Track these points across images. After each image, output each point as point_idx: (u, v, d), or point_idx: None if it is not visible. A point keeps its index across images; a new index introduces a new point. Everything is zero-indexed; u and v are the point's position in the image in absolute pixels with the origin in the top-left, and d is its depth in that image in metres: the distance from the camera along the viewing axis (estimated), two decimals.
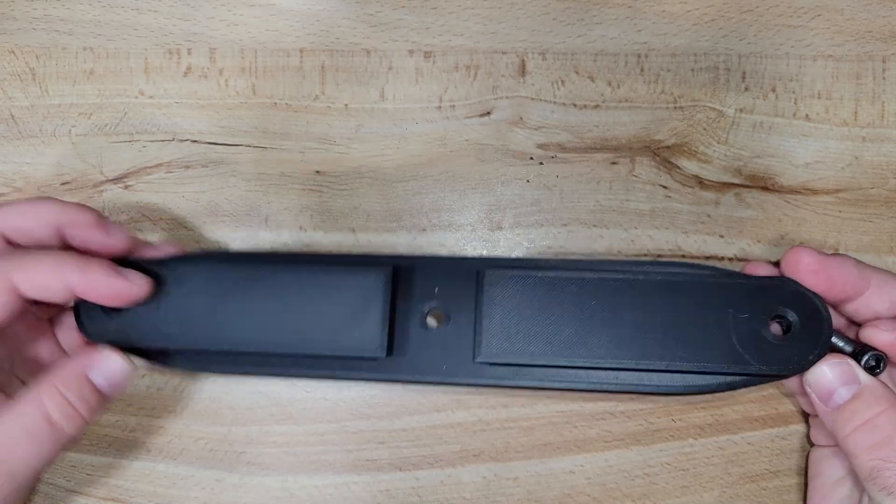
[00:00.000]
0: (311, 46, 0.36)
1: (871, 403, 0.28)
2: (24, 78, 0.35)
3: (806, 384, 0.30)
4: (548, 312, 0.30)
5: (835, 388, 0.29)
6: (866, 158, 0.37)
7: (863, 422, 0.28)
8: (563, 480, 0.36)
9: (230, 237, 0.35)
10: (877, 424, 0.27)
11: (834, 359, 0.29)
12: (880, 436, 0.27)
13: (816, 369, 0.29)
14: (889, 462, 0.27)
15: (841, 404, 0.28)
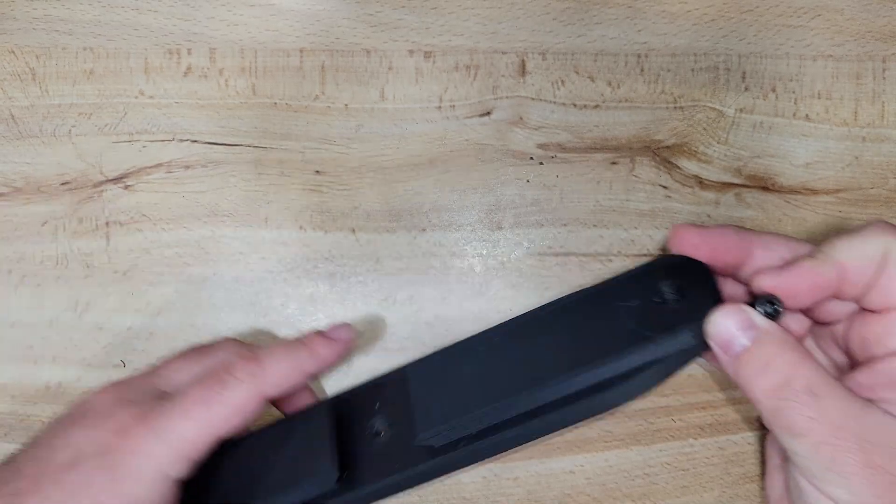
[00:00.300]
0: (311, 46, 0.36)
1: (768, 346, 0.28)
2: (23, 78, 0.35)
3: (707, 337, 0.29)
4: (468, 370, 0.30)
5: (733, 336, 0.28)
6: (866, 158, 0.37)
7: (762, 365, 0.27)
8: (563, 480, 0.36)
9: (230, 237, 0.35)
10: (775, 367, 0.27)
11: (729, 307, 0.29)
12: (779, 377, 0.27)
13: (714, 319, 0.29)
14: (787, 401, 0.27)
15: (740, 352, 0.28)
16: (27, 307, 0.35)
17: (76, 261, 0.35)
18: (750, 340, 0.28)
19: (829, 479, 0.26)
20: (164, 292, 0.35)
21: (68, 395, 0.35)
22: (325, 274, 0.36)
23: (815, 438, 0.26)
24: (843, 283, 0.29)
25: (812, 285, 0.29)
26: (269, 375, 0.30)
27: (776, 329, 0.28)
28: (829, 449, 0.26)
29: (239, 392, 0.30)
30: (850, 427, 0.26)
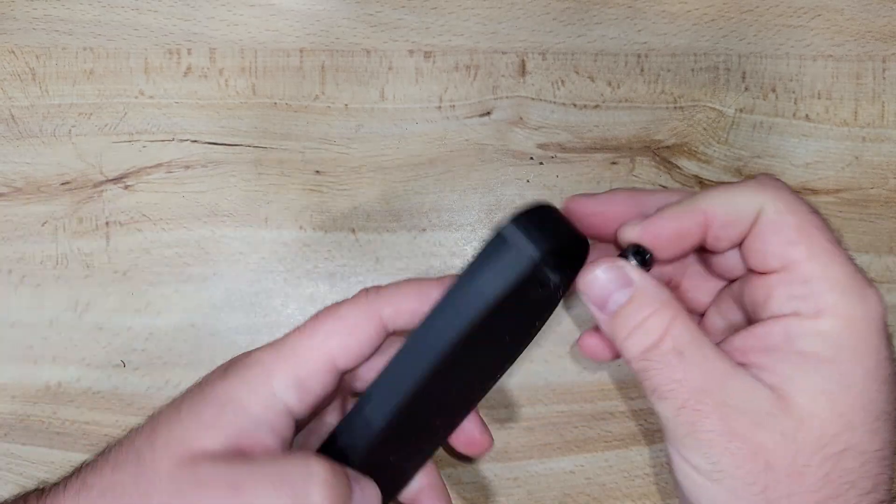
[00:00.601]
0: (311, 46, 0.36)
1: (643, 305, 0.26)
2: (23, 78, 0.35)
3: (580, 293, 0.27)
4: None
5: (609, 293, 0.27)
6: (866, 158, 0.37)
7: (635, 325, 0.26)
8: (563, 480, 0.36)
9: (230, 237, 0.35)
10: (648, 327, 0.26)
11: (605, 262, 0.27)
12: (651, 338, 0.26)
13: (588, 275, 0.27)
14: (654, 361, 0.26)
15: (616, 310, 0.27)
16: (27, 307, 0.35)
17: (76, 261, 0.35)
18: (626, 298, 0.26)
19: (690, 445, 0.25)
20: (164, 292, 0.35)
21: (68, 395, 0.35)
22: (325, 274, 0.36)
23: (677, 401, 0.25)
24: (710, 235, 0.27)
25: (675, 233, 0.27)
26: (388, 296, 0.27)
27: (652, 285, 0.26)
28: (690, 413, 0.25)
29: (353, 310, 0.27)
30: (713, 391, 0.25)
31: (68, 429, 0.35)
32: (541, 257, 0.26)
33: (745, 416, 0.25)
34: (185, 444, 0.25)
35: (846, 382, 0.24)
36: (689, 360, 0.25)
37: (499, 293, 0.26)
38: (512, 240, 0.27)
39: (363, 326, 0.27)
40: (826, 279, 0.25)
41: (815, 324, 0.25)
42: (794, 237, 0.26)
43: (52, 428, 0.35)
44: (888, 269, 0.37)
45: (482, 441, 0.31)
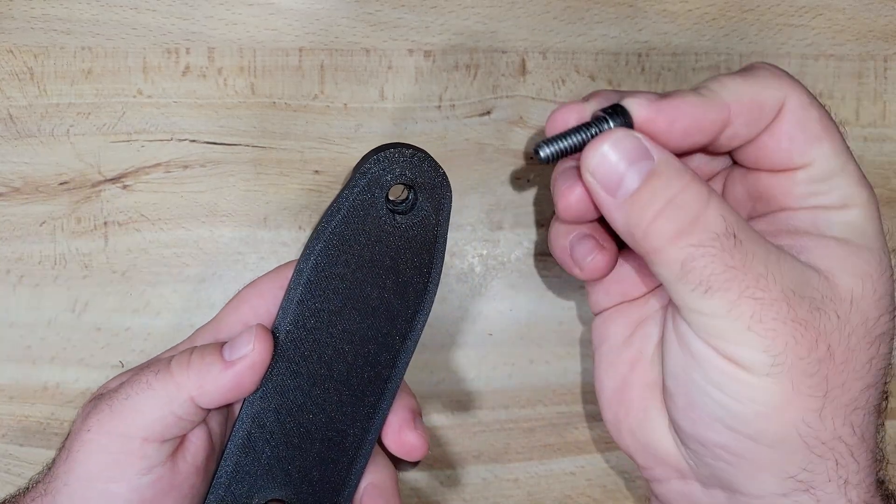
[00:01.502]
0: (311, 45, 0.36)
1: (671, 178, 0.22)
2: (21, 77, 0.35)
3: (586, 173, 0.24)
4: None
5: (623, 172, 0.22)
6: (868, 158, 0.37)
7: (665, 203, 0.22)
8: (563, 482, 0.36)
9: (229, 237, 0.35)
10: (681, 203, 0.22)
11: (615, 133, 0.23)
12: (687, 216, 0.22)
13: (594, 151, 0.23)
14: (702, 247, 0.22)
15: (634, 191, 0.22)
16: (25, 307, 0.35)
17: (74, 261, 0.35)
18: (646, 172, 0.22)
19: (743, 341, 0.22)
20: (163, 292, 0.35)
21: (67, 395, 0.35)
22: None
23: (733, 292, 0.22)
24: (728, 131, 0.24)
25: (692, 125, 0.23)
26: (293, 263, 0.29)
27: (674, 158, 0.23)
28: (749, 304, 0.22)
29: (265, 278, 0.30)
30: (776, 277, 0.22)
31: (67, 430, 0.35)
32: (376, 170, 0.27)
33: (805, 300, 0.22)
34: (101, 388, 0.30)
35: (881, 267, 0.24)
36: (746, 243, 0.22)
37: (338, 217, 0.27)
38: (356, 167, 0.29)
39: (270, 289, 0.29)
40: (848, 174, 0.25)
41: (842, 214, 0.25)
42: (819, 133, 0.24)
43: (51, 429, 0.35)
44: None
45: (411, 442, 0.30)
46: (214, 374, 0.27)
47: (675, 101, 0.23)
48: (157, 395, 0.27)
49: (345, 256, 0.28)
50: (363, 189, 0.28)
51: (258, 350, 0.27)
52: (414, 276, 0.29)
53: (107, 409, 0.27)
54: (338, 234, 0.28)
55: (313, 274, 0.28)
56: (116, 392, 0.27)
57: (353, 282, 0.28)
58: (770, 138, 0.24)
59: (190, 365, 0.27)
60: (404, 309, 0.29)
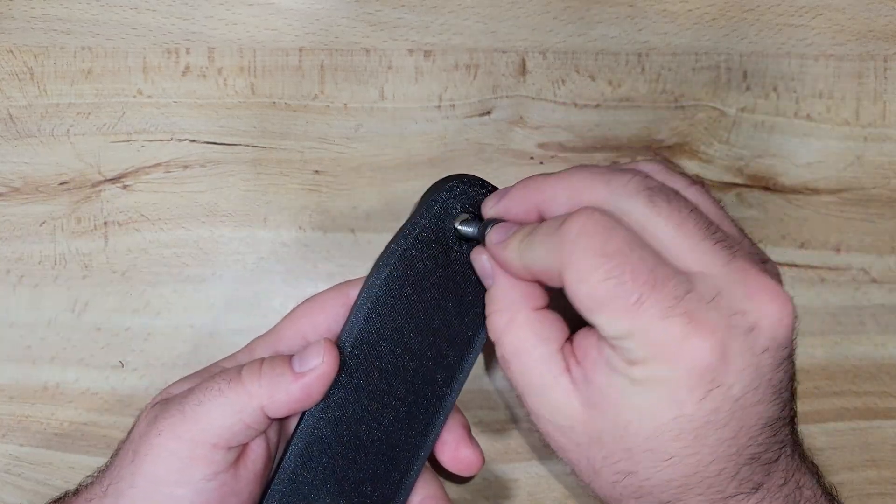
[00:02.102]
0: (311, 45, 0.36)
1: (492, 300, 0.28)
2: (22, 77, 0.35)
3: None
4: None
5: (486, 273, 0.29)
6: (868, 158, 0.37)
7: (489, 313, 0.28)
8: (563, 482, 0.36)
9: (229, 237, 0.35)
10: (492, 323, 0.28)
11: (480, 251, 0.29)
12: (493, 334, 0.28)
13: (474, 253, 0.30)
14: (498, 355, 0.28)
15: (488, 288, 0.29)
16: (25, 307, 0.35)
17: (74, 261, 0.35)
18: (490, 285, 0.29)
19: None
20: (163, 293, 0.35)
21: (67, 395, 0.35)
22: (324, 274, 0.36)
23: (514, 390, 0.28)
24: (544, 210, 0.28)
25: (523, 211, 0.29)
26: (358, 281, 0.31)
27: (504, 284, 0.29)
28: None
29: (325, 293, 0.31)
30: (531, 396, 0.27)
31: (66, 430, 0.35)
32: (446, 198, 0.30)
33: (553, 426, 0.27)
34: (164, 394, 0.30)
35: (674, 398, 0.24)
36: (513, 366, 0.27)
37: (408, 241, 0.29)
38: (427, 194, 0.31)
39: (332, 306, 0.31)
40: (630, 337, 0.24)
41: (628, 368, 0.25)
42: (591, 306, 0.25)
43: (51, 429, 0.35)
44: (890, 269, 0.37)
45: (468, 458, 0.31)
46: (285, 384, 0.28)
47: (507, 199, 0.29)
48: (230, 403, 0.27)
49: (412, 279, 0.30)
50: (434, 216, 0.30)
51: (327, 363, 0.28)
52: (475, 300, 0.30)
53: (178, 414, 0.28)
54: (407, 258, 0.29)
55: (382, 293, 0.29)
56: (186, 398, 0.28)
57: (418, 303, 0.30)
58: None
59: (262, 375, 0.28)
60: (463, 331, 0.30)
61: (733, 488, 0.25)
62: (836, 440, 0.37)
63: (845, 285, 0.37)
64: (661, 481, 0.25)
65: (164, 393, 0.30)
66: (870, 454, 0.37)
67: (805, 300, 0.37)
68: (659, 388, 0.24)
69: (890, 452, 0.37)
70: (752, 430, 0.25)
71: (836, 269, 0.37)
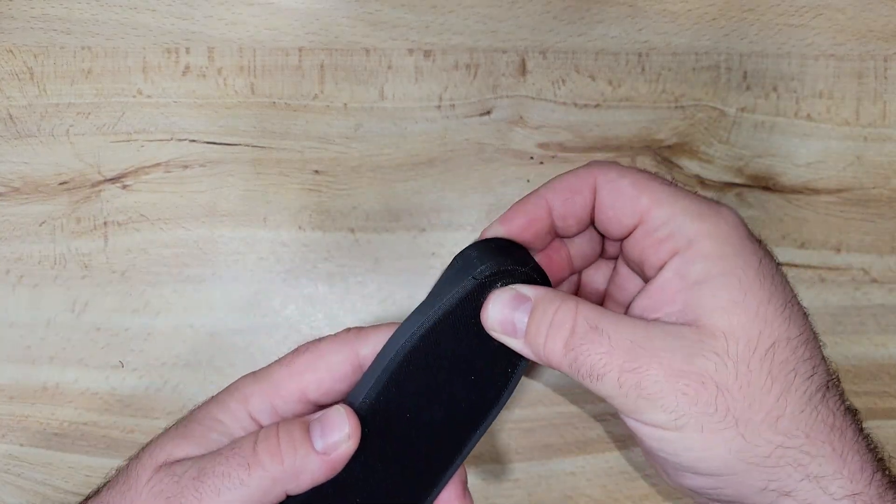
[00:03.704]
0: (310, 45, 0.36)
1: (546, 307, 0.27)
2: (21, 77, 0.35)
3: (490, 331, 0.28)
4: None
5: (511, 317, 0.27)
6: (868, 158, 0.37)
7: (547, 326, 0.26)
8: (564, 482, 0.36)
9: (228, 237, 0.35)
10: (558, 321, 0.26)
11: (494, 294, 0.28)
12: (566, 329, 0.26)
13: (485, 313, 0.28)
14: (577, 349, 0.26)
15: (525, 327, 0.27)
16: (25, 307, 0.35)
17: (74, 261, 0.35)
18: (527, 314, 0.27)
19: (645, 408, 0.25)
20: (163, 293, 0.35)
21: (66, 395, 0.35)
22: (324, 274, 0.36)
23: (614, 373, 0.25)
24: (555, 216, 0.29)
25: (527, 223, 0.29)
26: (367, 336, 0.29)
27: (546, 290, 0.27)
28: (630, 376, 0.25)
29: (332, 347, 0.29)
30: (641, 346, 0.25)
31: (66, 430, 0.35)
32: (488, 273, 0.27)
33: (677, 354, 0.25)
34: (164, 454, 0.27)
35: (745, 287, 0.26)
36: (608, 331, 0.26)
37: (446, 305, 0.28)
38: (464, 259, 0.29)
39: (339, 364, 0.28)
40: (680, 212, 0.26)
41: (693, 252, 0.26)
42: (633, 192, 0.27)
43: (50, 429, 0.35)
44: (890, 269, 0.37)
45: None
46: (310, 465, 0.26)
47: (508, 213, 0.29)
48: (252, 492, 0.26)
49: (437, 352, 0.28)
50: (470, 294, 0.28)
51: (354, 440, 0.27)
52: (499, 374, 0.29)
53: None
54: (436, 331, 0.28)
55: (402, 365, 0.28)
56: (201, 482, 0.26)
57: (439, 375, 0.28)
58: (600, 213, 0.28)
59: (283, 456, 0.26)
60: (480, 402, 0.29)
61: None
62: None
63: (845, 285, 0.37)
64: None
65: (163, 451, 0.27)
66: None
67: (805, 300, 0.36)
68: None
69: (890, 452, 0.37)
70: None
71: (836, 269, 0.37)
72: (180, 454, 0.27)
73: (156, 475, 0.27)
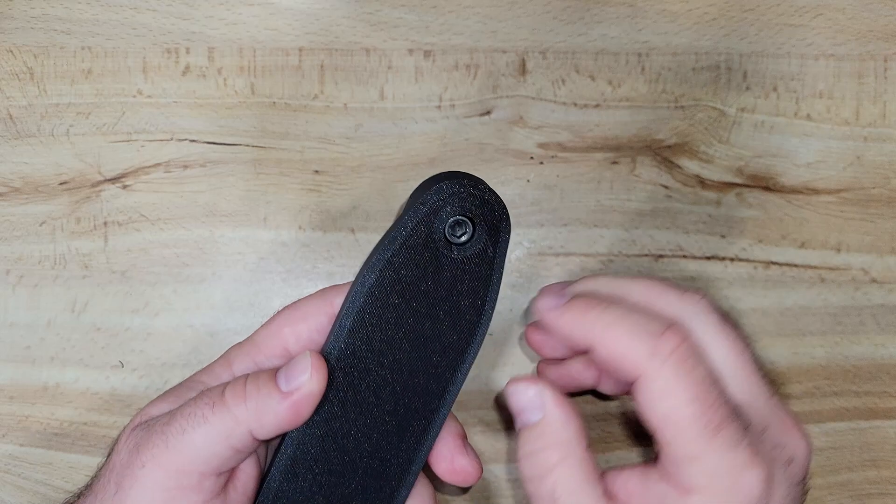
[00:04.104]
0: (310, 45, 0.36)
1: (541, 437, 0.27)
2: (21, 77, 0.35)
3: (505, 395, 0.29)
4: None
5: (524, 409, 0.28)
6: (868, 158, 0.37)
7: (531, 451, 0.27)
8: None
9: (228, 237, 0.35)
10: (537, 461, 0.27)
11: (530, 382, 0.28)
12: (536, 471, 0.27)
13: (513, 384, 0.28)
14: (534, 497, 0.27)
15: (523, 428, 0.28)
16: (25, 307, 0.35)
17: (74, 261, 0.35)
18: (535, 420, 0.27)
19: None
20: (163, 293, 0.35)
21: (66, 395, 0.35)
22: (324, 274, 0.36)
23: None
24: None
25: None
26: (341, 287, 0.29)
27: (559, 419, 0.27)
28: None
29: (307, 301, 0.29)
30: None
31: (66, 430, 0.35)
32: (437, 197, 0.27)
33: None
34: (143, 415, 0.28)
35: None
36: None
37: (395, 246, 0.27)
38: (415, 193, 0.29)
39: (315, 315, 0.29)
40: (697, 461, 0.25)
41: (684, 498, 0.25)
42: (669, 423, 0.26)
43: (50, 429, 0.35)
44: (890, 269, 0.37)
45: (464, 468, 0.30)
46: (273, 405, 0.26)
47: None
48: (216, 430, 0.26)
49: (399, 286, 0.28)
50: (422, 220, 0.27)
51: (316, 379, 0.27)
52: (468, 308, 0.28)
53: (161, 444, 0.26)
54: (394, 264, 0.27)
55: (367, 302, 0.27)
56: (168, 424, 0.27)
57: (407, 312, 0.28)
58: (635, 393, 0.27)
59: (247, 397, 0.26)
60: (456, 340, 0.28)
61: None
62: (836, 440, 0.37)
63: (845, 285, 0.37)
64: None
65: (142, 413, 0.29)
66: (870, 454, 0.37)
67: (805, 300, 0.37)
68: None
69: (890, 452, 0.37)
70: None
71: (836, 269, 0.37)
72: (156, 412, 0.28)
73: (132, 432, 0.28)
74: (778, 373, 0.37)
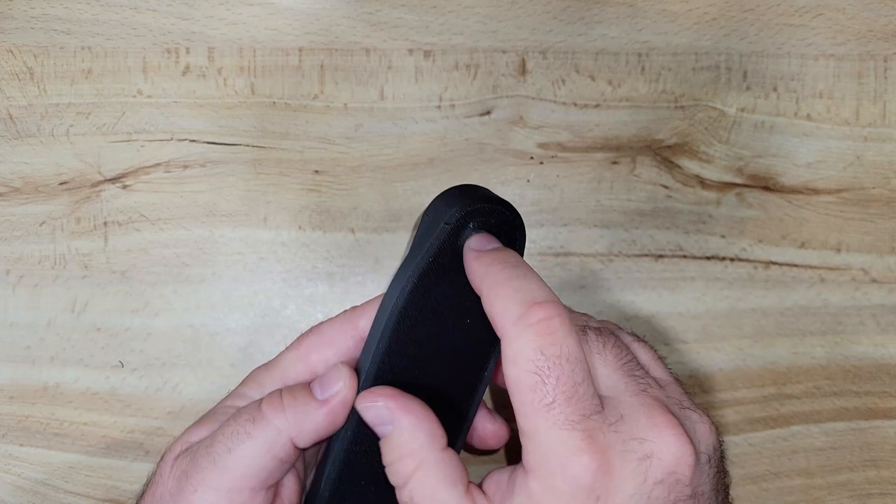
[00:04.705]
0: (310, 45, 0.36)
1: (393, 447, 0.27)
2: (21, 77, 0.35)
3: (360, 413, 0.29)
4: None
5: (378, 421, 0.28)
6: (868, 158, 0.37)
7: (389, 462, 0.27)
8: None
9: (228, 237, 0.35)
10: (395, 470, 0.27)
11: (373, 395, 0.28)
12: (396, 480, 0.27)
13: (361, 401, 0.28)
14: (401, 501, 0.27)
15: (383, 439, 0.28)
16: (25, 307, 0.35)
17: (74, 261, 0.35)
18: (388, 431, 0.27)
19: None
20: (163, 293, 0.35)
21: (66, 395, 0.35)
22: (324, 274, 0.36)
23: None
24: None
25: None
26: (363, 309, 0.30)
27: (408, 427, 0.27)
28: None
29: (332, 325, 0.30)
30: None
31: (66, 430, 0.35)
32: (459, 215, 0.28)
33: None
34: (182, 443, 0.29)
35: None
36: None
37: (427, 257, 0.28)
38: (434, 210, 0.30)
39: (341, 339, 0.30)
40: (531, 438, 0.25)
41: (525, 479, 0.25)
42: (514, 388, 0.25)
43: (51, 429, 0.35)
44: (890, 269, 0.37)
45: (494, 432, 0.31)
46: (311, 413, 0.27)
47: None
48: (259, 443, 0.27)
49: (429, 301, 0.29)
50: (447, 238, 0.28)
51: (350, 386, 0.28)
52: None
53: (210, 466, 0.27)
54: (422, 283, 0.28)
55: (400, 319, 0.28)
56: (212, 446, 0.27)
57: (435, 325, 0.29)
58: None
59: (285, 408, 0.27)
60: (481, 346, 0.29)
61: None
62: (836, 440, 0.37)
63: (845, 285, 0.37)
64: None
65: (181, 441, 0.29)
66: (870, 454, 0.37)
67: (805, 300, 0.37)
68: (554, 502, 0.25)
69: (890, 452, 0.37)
70: None
71: (836, 269, 0.37)
72: (195, 438, 0.29)
73: (175, 462, 0.28)
74: (778, 373, 0.37)
